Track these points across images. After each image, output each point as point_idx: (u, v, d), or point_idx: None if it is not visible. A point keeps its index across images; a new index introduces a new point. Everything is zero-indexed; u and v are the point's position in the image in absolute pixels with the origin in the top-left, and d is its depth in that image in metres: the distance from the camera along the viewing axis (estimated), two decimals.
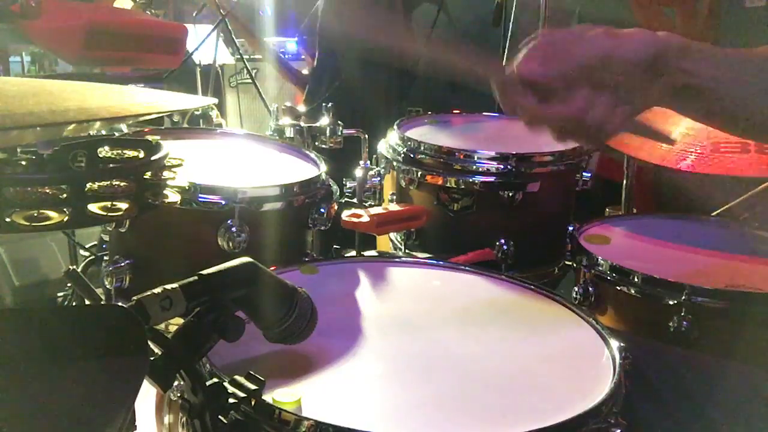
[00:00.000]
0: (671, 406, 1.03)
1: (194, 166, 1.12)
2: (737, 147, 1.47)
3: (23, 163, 0.71)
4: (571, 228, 1.63)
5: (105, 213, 0.71)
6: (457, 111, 2.11)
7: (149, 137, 0.85)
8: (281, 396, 0.82)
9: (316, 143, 1.82)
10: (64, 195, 0.70)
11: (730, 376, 1.08)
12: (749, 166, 1.46)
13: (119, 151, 0.78)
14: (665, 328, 1.28)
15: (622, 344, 0.99)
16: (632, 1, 3.33)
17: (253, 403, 0.79)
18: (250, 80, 3.28)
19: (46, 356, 0.59)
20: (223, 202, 1.31)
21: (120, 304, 0.70)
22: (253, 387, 0.79)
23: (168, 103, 0.81)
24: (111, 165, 0.76)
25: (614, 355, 0.97)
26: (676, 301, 1.28)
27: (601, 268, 1.39)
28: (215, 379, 0.79)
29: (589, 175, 1.74)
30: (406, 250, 1.72)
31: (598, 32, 0.89)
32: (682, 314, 1.27)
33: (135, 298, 0.71)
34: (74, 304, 1.88)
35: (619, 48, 0.87)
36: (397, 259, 1.37)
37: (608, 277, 1.38)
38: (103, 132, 1.13)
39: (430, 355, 0.99)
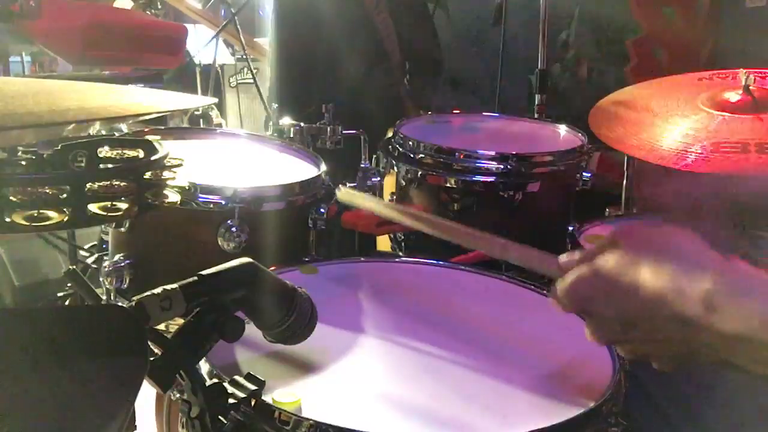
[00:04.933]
0: (667, 412, 1.02)
1: (194, 166, 1.12)
2: (737, 147, 1.46)
3: (23, 163, 0.71)
4: (571, 228, 1.63)
5: (105, 213, 0.71)
6: (457, 111, 2.11)
7: (149, 137, 0.85)
8: (281, 396, 0.82)
9: (316, 143, 1.82)
10: (64, 195, 0.70)
11: (726, 383, 1.07)
12: (749, 166, 1.46)
13: (119, 151, 0.78)
14: None
15: None
16: (632, 1, 3.33)
17: (253, 403, 0.79)
18: (249, 80, 3.28)
19: (46, 356, 0.59)
20: (223, 202, 1.31)
21: (120, 304, 0.70)
22: (253, 387, 0.79)
23: (168, 103, 0.81)
24: (111, 165, 0.76)
25: (614, 355, 0.97)
26: None
27: None
28: (215, 380, 0.79)
29: (589, 175, 1.74)
30: (406, 250, 1.72)
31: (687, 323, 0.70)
32: None
33: (135, 298, 0.70)
34: (74, 304, 1.88)
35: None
36: (397, 259, 1.37)
37: None
38: (103, 132, 1.13)
39: (430, 355, 0.99)
